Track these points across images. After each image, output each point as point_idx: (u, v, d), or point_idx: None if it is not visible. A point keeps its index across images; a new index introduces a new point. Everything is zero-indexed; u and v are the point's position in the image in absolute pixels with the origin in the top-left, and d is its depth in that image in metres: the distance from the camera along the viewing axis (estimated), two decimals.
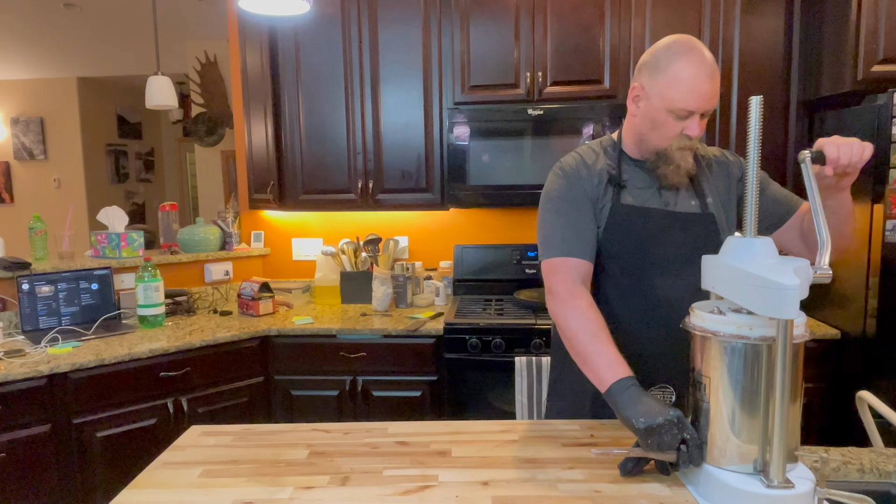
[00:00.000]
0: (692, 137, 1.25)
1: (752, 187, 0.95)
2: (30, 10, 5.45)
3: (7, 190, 6.26)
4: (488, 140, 2.56)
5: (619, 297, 1.35)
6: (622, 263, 1.33)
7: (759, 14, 2.49)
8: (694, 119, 1.24)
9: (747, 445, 0.95)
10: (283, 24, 2.74)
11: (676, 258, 1.31)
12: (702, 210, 1.33)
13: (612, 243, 1.33)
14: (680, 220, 1.32)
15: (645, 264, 1.32)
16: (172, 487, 1.08)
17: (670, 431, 0.99)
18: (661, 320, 1.30)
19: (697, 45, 1.25)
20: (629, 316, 1.34)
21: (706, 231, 1.32)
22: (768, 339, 0.93)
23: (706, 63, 1.22)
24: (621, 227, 1.32)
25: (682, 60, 1.22)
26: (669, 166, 1.28)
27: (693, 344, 1.03)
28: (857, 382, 2.15)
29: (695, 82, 1.21)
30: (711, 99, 1.23)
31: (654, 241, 1.31)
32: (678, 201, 1.34)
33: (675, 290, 1.31)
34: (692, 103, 1.22)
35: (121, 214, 2.82)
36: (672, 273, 1.31)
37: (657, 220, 1.32)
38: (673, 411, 1.01)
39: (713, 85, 1.22)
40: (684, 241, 1.31)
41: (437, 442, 1.24)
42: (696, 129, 1.24)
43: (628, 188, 1.35)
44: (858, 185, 2.17)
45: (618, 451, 1.08)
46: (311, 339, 2.50)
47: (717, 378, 0.97)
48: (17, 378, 1.96)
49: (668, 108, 1.24)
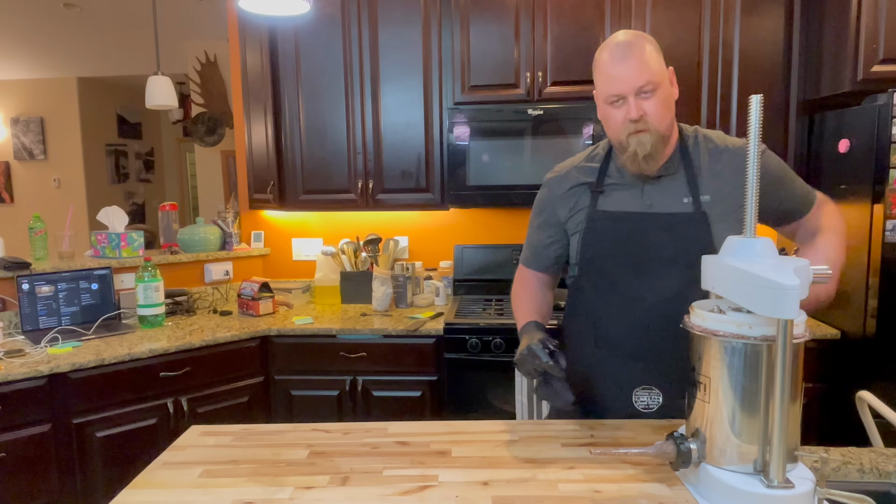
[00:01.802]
0: (635, 120, 1.24)
1: (752, 186, 0.95)
2: (30, 10, 5.45)
3: (7, 190, 6.26)
4: (488, 140, 2.56)
5: (599, 299, 1.36)
6: (598, 266, 1.35)
7: (759, 14, 2.50)
8: (628, 102, 1.24)
9: (747, 445, 0.95)
10: (283, 24, 2.74)
11: (655, 260, 1.29)
12: (693, 209, 1.29)
13: (588, 247, 1.36)
14: (661, 221, 1.30)
15: (620, 267, 1.32)
16: (172, 487, 1.08)
17: (528, 363, 1.20)
18: (641, 322, 1.30)
19: (621, 34, 1.27)
20: (608, 318, 1.34)
21: (694, 231, 1.28)
22: (769, 338, 0.93)
23: (620, 46, 1.24)
24: (595, 232, 1.35)
25: (602, 52, 1.28)
26: (625, 154, 1.28)
27: (692, 344, 1.03)
28: (857, 382, 2.15)
29: (610, 66, 1.25)
30: (630, 78, 1.22)
31: (629, 244, 1.31)
32: (663, 201, 1.31)
33: (654, 293, 1.29)
34: (613, 87, 1.24)
35: (121, 214, 2.82)
36: (650, 275, 1.30)
37: (633, 223, 1.31)
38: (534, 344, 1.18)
39: (627, 64, 1.22)
40: (666, 243, 1.28)
41: (437, 442, 1.24)
42: (633, 111, 1.23)
43: (609, 191, 1.36)
44: (859, 185, 2.17)
45: (617, 451, 1.08)
46: (311, 339, 2.50)
47: (717, 378, 0.97)
48: (17, 378, 1.96)
49: (604, 100, 1.28)
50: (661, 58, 1.26)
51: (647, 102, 1.23)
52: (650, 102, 1.23)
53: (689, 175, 1.31)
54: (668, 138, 1.29)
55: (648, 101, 1.23)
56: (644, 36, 1.27)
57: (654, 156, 1.26)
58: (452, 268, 2.97)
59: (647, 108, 1.23)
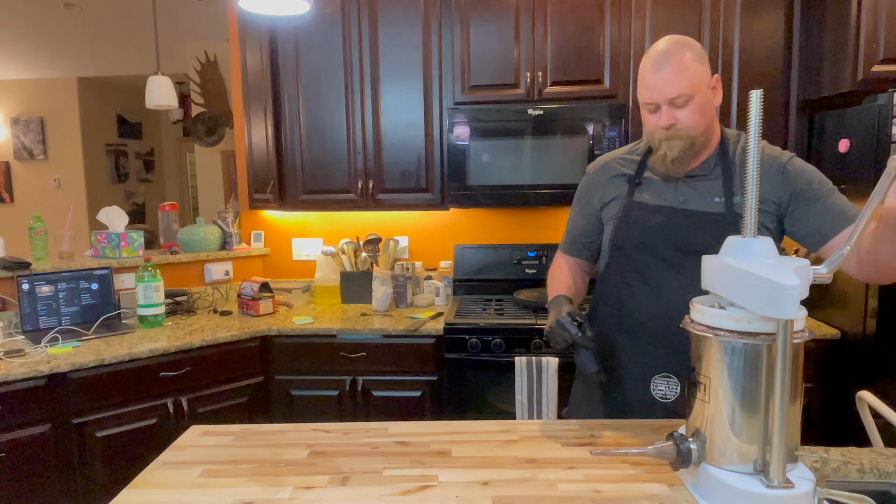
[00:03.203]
0: (665, 127, 1.30)
1: (753, 186, 0.94)
2: (30, 10, 5.45)
3: (7, 190, 6.26)
4: (488, 140, 2.56)
5: (625, 285, 1.41)
6: (627, 254, 1.40)
7: (759, 14, 2.49)
8: (661, 110, 1.29)
9: (747, 445, 0.95)
10: (283, 24, 2.74)
11: (683, 253, 1.33)
12: (725, 209, 1.32)
13: (620, 235, 1.42)
14: (693, 217, 1.34)
15: (649, 257, 1.37)
16: (172, 487, 1.08)
17: (558, 335, 1.24)
18: (664, 312, 1.34)
19: (663, 41, 1.30)
20: (635, 305, 1.39)
21: (724, 230, 1.25)
22: (768, 335, 0.93)
23: (658, 55, 1.28)
24: (628, 222, 1.40)
25: (645, 59, 1.31)
26: (656, 155, 1.34)
27: (692, 344, 1.03)
28: (857, 382, 2.14)
29: (648, 74, 1.29)
30: (663, 88, 1.26)
31: (657, 236, 1.36)
32: (696, 199, 1.36)
33: (679, 282, 1.33)
34: (647, 95, 1.30)
35: (121, 214, 2.82)
36: (678, 266, 1.34)
37: (666, 217, 1.36)
38: (563, 317, 1.20)
39: (661, 74, 1.26)
40: (693, 239, 1.32)
41: (437, 442, 1.24)
42: (663, 120, 1.29)
43: (647, 184, 1.41)
44: (859, 185, 2.17)
45: (617, 451, 1.08)
46: (311, 339, 2.50)
47: (717, 378, 0.97)
48: (17, 378, 1.96)
49: (642, 104, 1.34)
50: (702, 65, 1.28)
51: (679, 111, 1.28)
52: (683, 111, 1.28)
53: (726, 177, 1.35)
54: (704, 142, 1.34)
55: (682, 109, 1.28)
56: (686, 43, 1.28)
57: (682, 160, 1.32)
58: (452, 268, 2.97)
59: (679, 117, 1.29)
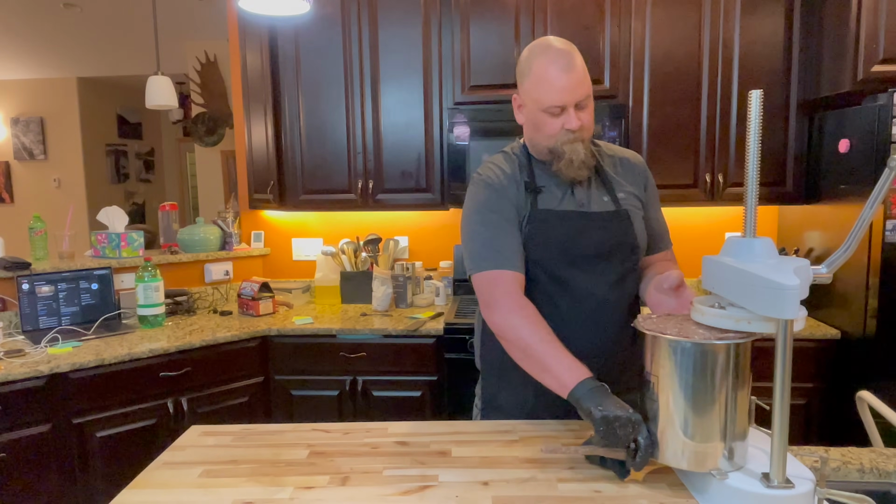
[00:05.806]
0: (573, 130, 1.28)
1: (753, 185, 0.94)
2: (30, 10, 5.45)
3: (7, 190, 6.26)
4: (488, 140, 2.56)
5: (546, 299, 1.33)
6: (545, 266, 1.33)
7: (759, 14, 2.49)
8: (568, 112, 1.27)
9: (699, 444, 0.98)
10: (283, 24, 2.74)
11: (595, 256, 1.33)
12: (616, 207, 1.36)
13: (535, 248, 1.33)
14: (596, 219, 1.34)
15: (566, 265, 1.33)
16: (172, 487, 1.08)
17: (626, 427, 1.00)
18: (589, 317, 1.33)
19: (553, 41, 1.29)
20: (558, 317, 1.30)
21: (622, 228, 1.35)
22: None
23: (562, 56, 1.26)
24: (541, 232, 1.32)
25: (540, 60, 1.27)
26: (562, 161, 1.30)
27: (644, 344, 1.04)
28: (857, 382, 2.15)
29: (553, 78, 1.25)
30: (575, 90, 1.25)
31: (573, 242, 1.32)
32: (591, 200, 1.36)
33: (597, 288, 1.33)
34: (557, 98, 1.26)
35: (121, 214, 2.82)
36: (592, 271, 1.33)
37: (574, 222, 1.33)
38: (635, 413, 1.02)
39: (571, 76, 1.25)
40: (601, 239, 1.33)
41: (437, 442, 1.24)
42: (574, 122, 1.27)
43: (546, 192, 1.35)
44: (859, 185, 2.17)
45: (567, 450, 1.07)
46: (311, 339, 2.50)
47: (666, 377, 1.00)
48: (17, 378, 1.96)
49: (541, 108, 1.28)
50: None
51: (582, 113, 1.29)
52: (585, 113, 1.29)
53: (603, 178, 1.38)
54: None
55: (584, 111, 1.29)
56: (572, 44, 1.31)
57: (587, 162, 1.31)
58: (452, 268, 2.97)
59: (584, 119, 1.29)
